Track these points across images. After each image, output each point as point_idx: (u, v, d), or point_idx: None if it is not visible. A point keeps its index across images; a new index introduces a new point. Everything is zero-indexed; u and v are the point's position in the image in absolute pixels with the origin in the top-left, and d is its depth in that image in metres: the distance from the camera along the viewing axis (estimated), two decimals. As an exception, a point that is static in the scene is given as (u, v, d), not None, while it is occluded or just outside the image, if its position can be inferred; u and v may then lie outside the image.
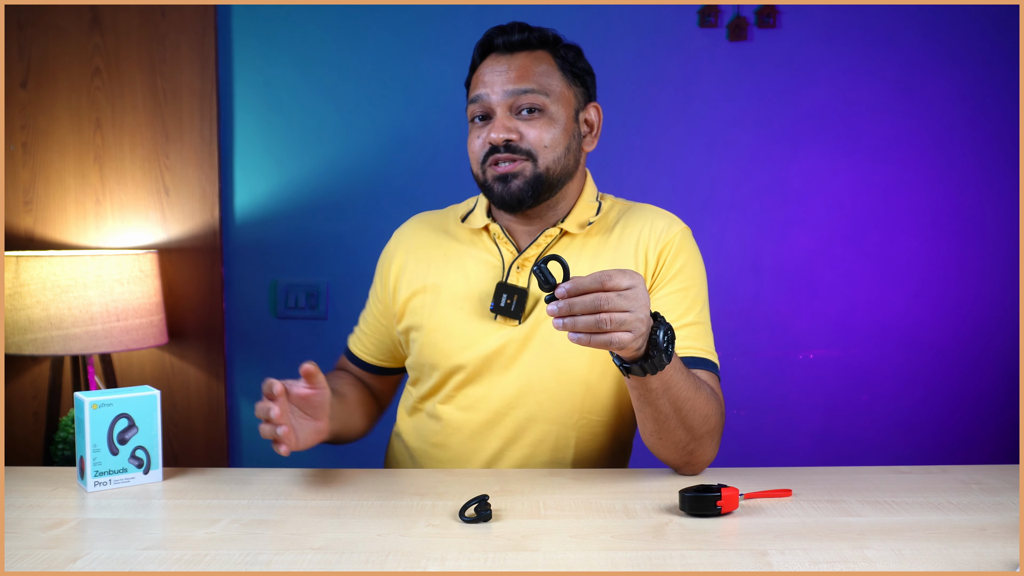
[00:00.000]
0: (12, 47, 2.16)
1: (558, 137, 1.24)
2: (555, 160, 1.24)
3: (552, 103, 1.24)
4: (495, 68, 1.25)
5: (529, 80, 1.23)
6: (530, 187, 1.23)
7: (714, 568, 0.85)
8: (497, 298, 1.25)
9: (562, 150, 1.25)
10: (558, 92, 1.25)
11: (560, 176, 1.25)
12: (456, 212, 1.38)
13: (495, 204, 1.27)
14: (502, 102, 1.23)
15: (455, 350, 1.27)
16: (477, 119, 1.27)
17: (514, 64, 1.24)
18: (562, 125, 1.25)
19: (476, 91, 1.26)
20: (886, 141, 2.26)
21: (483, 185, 1.27)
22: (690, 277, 1.26)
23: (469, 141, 1.28)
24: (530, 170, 1.22)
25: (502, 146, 1.22)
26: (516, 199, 1.23)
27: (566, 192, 1.29)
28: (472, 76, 1.30)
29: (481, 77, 1.26)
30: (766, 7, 2.21)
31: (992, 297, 2.29)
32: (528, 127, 1.23)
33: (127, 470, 1.11)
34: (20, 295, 1.87)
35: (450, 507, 1.03)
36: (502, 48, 1.26)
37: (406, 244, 1.37)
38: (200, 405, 2.26)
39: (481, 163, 1.25)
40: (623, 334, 0.95)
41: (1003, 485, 1.13)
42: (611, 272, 0.95)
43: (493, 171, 1.24)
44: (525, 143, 1.22)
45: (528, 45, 1.26)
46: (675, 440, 1.12)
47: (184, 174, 2.22)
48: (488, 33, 1.28)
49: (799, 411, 2.31)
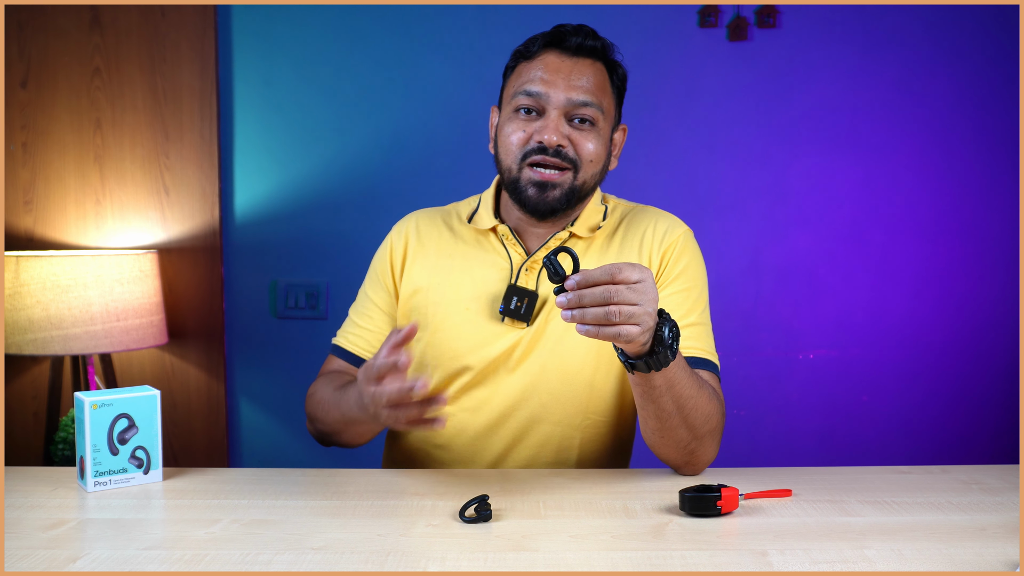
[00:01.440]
0: (12, 47, 2.16)
1: (600, 152, 1.24)
2: (592, 175, 1.25)
3: (603, 119, 1.24)
4: (559, 67, 1.22)
5: (592, 92, 1.22)
6: (566, 198, 1.23)
7: (714, 568, 0.85)
8: (507, 300, 1.24)
9: (601, 166, 1.26)
10: (608, 109, 1.25)
11: (590, 191, 1.27)
12: (459, 211, 1.36)
13: (524, 206, 1.24)
14: (561, 105, 1.21)
15: (462, 351, 1.26)
16: (523, 111, 1.23)
17: (578, 70, 1.22)
18: (604, 142, 1.25)
19: (534, 85, 1.22)
20: (886, 141, 2.26)
21: (514, 182, 1.24)
22: (693, 278, 1.27)
23: (507, 131, 1.24)
24: (569, 182, 1.22)
25: (552, 149, 1.21)
26: (551, 208, 1.23)
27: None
28: (523, 64, 1.26)
29: (541, 71, 1.22)
30: (766, 7, 2.21)
31: (992, 297, 2.29)
32: (580, 137, 1.22)
33: (127, 470, 1.11)
34: (20, 295, 1.87)
35: (450, 507, 1.03)
36: (571, 49, 1.23)
37: (410, 238, 1.34)
38: (200, 405, 2.26)
39: (520, 159, 1.22)
40: (631, 327, 0.95)
41: (1003, 485, 1.13)
42: (621, 265, 0.95)
43: (531, 173, 1.22)
44: (573, 152, 1.22)
45: (595, 54, 1.25)
46: (677, 439, 1.12)
47: (184, 174, 2.22)
48: (559, 28, 1.24)
49: (799, 411, 2.31)
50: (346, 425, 1.20)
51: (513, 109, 1.24)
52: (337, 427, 1.23)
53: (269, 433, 2.32)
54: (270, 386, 2.31)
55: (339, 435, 1.25)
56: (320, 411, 1.26)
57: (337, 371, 1.33)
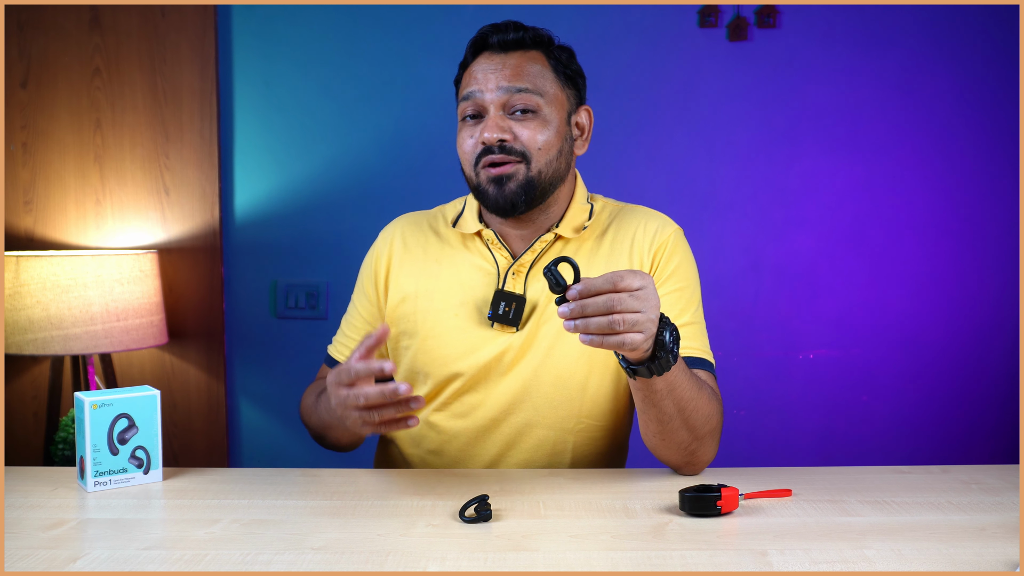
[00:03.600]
0: (12, 47, 2.16)
1: (551, 139, 1.22)
2: (548, 163, 1.22)
3: (546, 104, 1.22)
4: (488, 66, 1.23)
5: (524, 79, 1.21)
6: (523, 191, 1.20)
7: (714, 568, 0.85)
8: (495, 306, 1.23)
9: (555, 153, 1.22)
10: (552, 94, 1.23)
11: (552, 180, 1.23)
12: (445, 214, 1.35)
13: (488, 207, 1.24)
14: (496, 100, 1.20)
15: (452, 358, 1.25)
16: (468, 117, 1.24)
17: (508, 63, 1.22)
18: (555, 127, 1.22)
19: (468, 88, 1.23)
20: (886, 141, 2.26)
21: (476, 188, 1.24)
22: (685, 278, 1.26)
23: (459, 140, 1.25)
24: (523, 173, 1.20)
25: (496, 146, 1.19)
26: (510, 203, 1.20)
27: (558, 196, 1.27)
28: (463, 74, 1.27)
29: (474, 74, 1.23)
30: (766, 7, 2.21)
31: (992, 297, 2.29)
32: (522, 127, 1.20)
33: (127, 470, 1.11)
34: (20, 295, 1.87)
35: (450, 507, 1.03)
36: (496, 46, 1.24)
37: (395, 246, 1.33)
38: (200, 405, 2.26)
39: (474, 164, 1.22)
40: (635, 335, 0.94)
41: (1003, 485, 1.13)
42: (622, 273, 0.94)
43: (487, 173, 1.21)
44: (519, 144, 1.20)
45: (523, 44, 1.24)
46: (678, 441, 1.12)
47: (184, 174, 2.22)
48: (482, 31, 1.25)
49: (799, 411, 2.31)
50: (324, 430, 1.27)
51: (461, 118, 1.26)
52: (319, 432, 1.29)
53: (269, 433, 2.32)
54: (270, 386, 2.31)
55: (326, 439, 1.30)
56: (305, 416, 1.33)
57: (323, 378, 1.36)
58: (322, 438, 1.30)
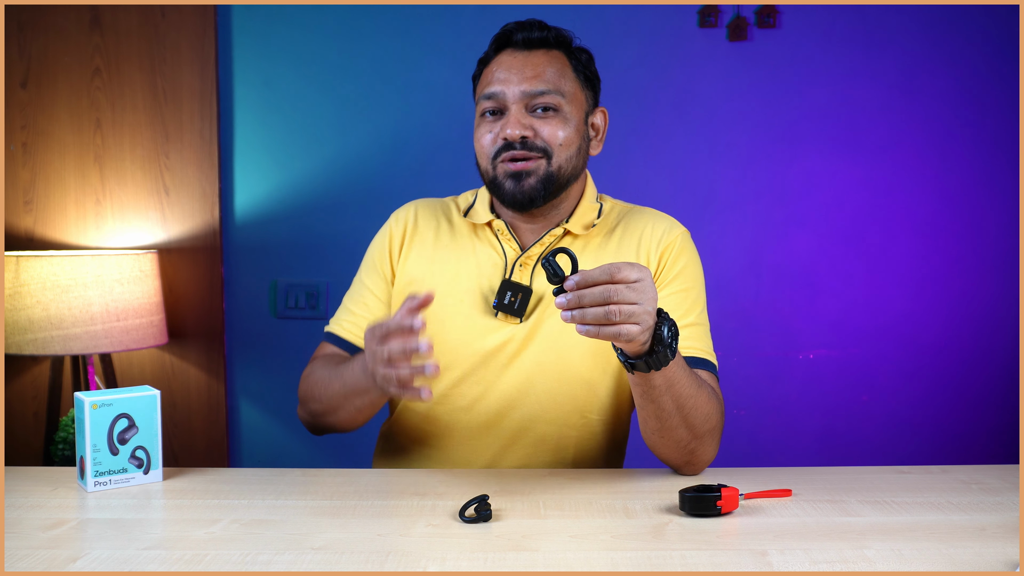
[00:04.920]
0: (12, 47, 2.16)
1: (571, 137, 1.24)
2: (567, 159, 1.24)
3: (566, 103, 1.24)
4: (512, 64, 1.24)
5: (546, 78, 1.23)
6: (543, 186, 1.23)
7: (714, 568, 0.85)
8: (501, 295, 1.24)
9: (574, 150, 1.25)
10: (572, 93, 1.25)
11: (569, 177, 1.26)
12: (457, 203, 1.37)
13: (504, 201, 1.25)
14: (518, 98, 1.23)
15: (454, 344, 1.26)
16: (488, 113, 1.26)
17: (531, 62, 1.24)
18: (575, 126, 1.25)
19: (491, 87, 1.25)
20: (886, 141, 2.26)
21: (492, 181, 1.25)
22: (690, 279, 1.27)
23: (478, 135, 1.27)
24: (543, 168, 1.22)
25: (518, 143, 1.22)
26: (528, 197, 1.23)
27: (570, 192, 1.29)
28: (484, 69, 1.29)
29: (496, 72, 1.25)
30: (766, 7, 2.21)
31: (992, 297, 2.29)
32: (543, 124, 1.23)
33: (127, 470, 1.11)
34: (20, 295, 1.87)
35: (450, 507, 1.03)
36: (520, 44, 1.26)
37: (409, 226, 1.34)
38: (200, 405, 2.26)
39: (492, 158, 1.24)
40: (631, 326, 0.95)
41: (1003, 485, 1.13)
42: (620, 264, 0.95)
43: (506, 167, 1.23)
44: (540, 140, 1.22)
45: (546, 43, 1.26)
46: (677, 439, 1.12)
47: (184, 174, 2.22)
48: (506, 27, 1.27)
49: (799, 411, 2.31)
50: (346, 398, 1.19)
51: (480, 114, 1.27)
52: (336, 402, 1.21)
53: (269, 433, 2.32)
54: (270, 386, 2.31)
55: (335, 413, 1.23)
56: (318, 389, 1.24)
57: (332, 354, 1.31)
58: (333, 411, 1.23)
